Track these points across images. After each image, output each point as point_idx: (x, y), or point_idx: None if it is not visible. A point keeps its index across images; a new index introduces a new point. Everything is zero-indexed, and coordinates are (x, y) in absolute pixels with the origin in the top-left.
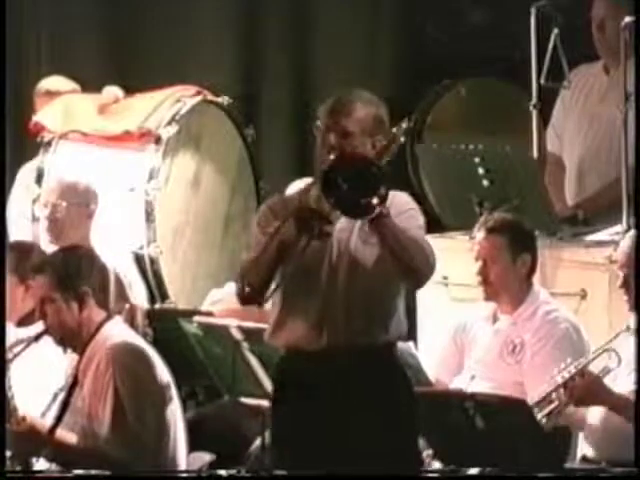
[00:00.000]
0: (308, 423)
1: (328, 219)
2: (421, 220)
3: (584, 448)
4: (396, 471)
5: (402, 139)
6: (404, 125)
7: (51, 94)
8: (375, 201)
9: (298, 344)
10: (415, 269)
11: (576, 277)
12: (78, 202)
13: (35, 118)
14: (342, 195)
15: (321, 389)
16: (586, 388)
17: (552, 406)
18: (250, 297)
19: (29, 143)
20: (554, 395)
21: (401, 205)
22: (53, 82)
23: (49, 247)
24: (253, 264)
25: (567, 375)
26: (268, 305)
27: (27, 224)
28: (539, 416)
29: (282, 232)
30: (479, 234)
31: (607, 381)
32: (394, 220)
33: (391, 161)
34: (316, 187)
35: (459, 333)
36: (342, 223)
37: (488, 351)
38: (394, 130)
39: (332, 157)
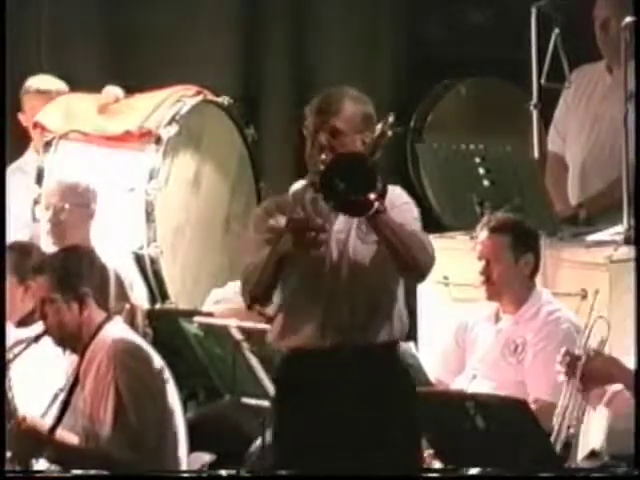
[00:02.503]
0: (312, 423)
1: (322, 229)
2: (416, 212)
3: (591, 442)
4: (399, 470)
5: (390, 133)
6: (390, 119)
7: (41, 93)
8: (373, 197)
9: (303, 345)
10: (416, 263)
11: (576, 277)
12: (79, 203)
13: (35, 118)
14: (341, 195)
15: (326, 389)
16: (599, 370)
17: (577, 406)
18: (254, 303)
19: (25, 142)
20: (572, 392)
21: (395, 199)
22: (43, 81)
23: (51, 249)
24: (254, 273)
25: (579, 366)
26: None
27: (23, 226)
28: (573, 422)
29: (280, 246)
30: (482, 234)
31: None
32: (390, 214)
33: (391, 160)
34: (310, 190)
35: (461, 333)
36: (339, 224)
37: (490, 351)
38: (380, 125)
39: (324, 157)
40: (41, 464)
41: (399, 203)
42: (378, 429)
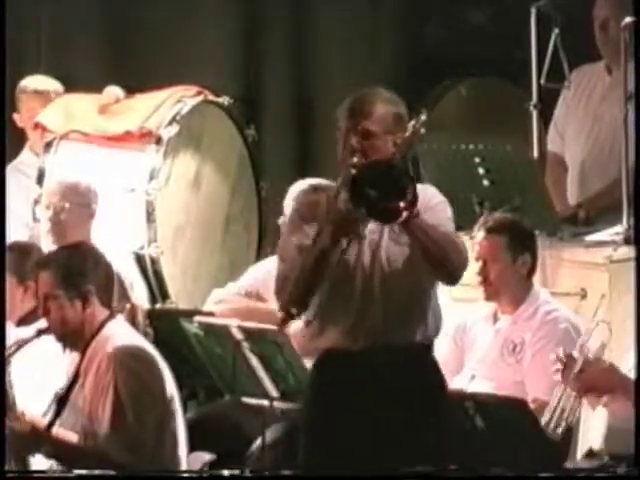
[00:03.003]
0: (344, 423)
1: (359, 222)
2: (449, 211)
3: (591, 442)
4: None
5: (422, 131)
6: (423, 117)
7: (39, 94)
8: (403, 205)
9: (336, 346)
10: (449, 264)
11: (576, 277)
12: (80, 203)
13: (36, 118)
14: (371, 202)
15: (358, 390)
16: (595, 379)
17: (569, 408)
18: (291, 311)
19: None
20: (567, 393)
21: (428, 199)
22: (41, 82)
23: (51, 249)
24: (290, 278)
25: (576, 368)
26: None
27: (21, 226)
28: (562, 423)
29: (319, 242)
30: (479, 234)
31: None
32: (423, 216)
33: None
34: (343, 189)
35: (459, 333)
36: (372, 225)
37: (488, 351)
38: (412, 123)
39: (355, 160)
40: (39, 461)
41: (433, 204)
42: (411, 429)
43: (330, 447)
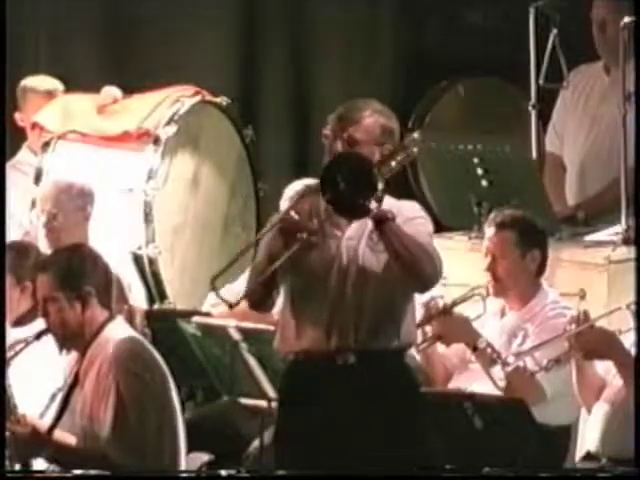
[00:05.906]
0: (316, 425)
1: (311, 230)
2: (430, 228)
3: (588, 444)
4: (397, 474)
5: (415, 150)
6: (415, 135)
7: (49, 94)
8: (368, 203)
9: (307, 348)
10: (420, 272)
11: (575, 277)
12: (74, 206)
13: (34, 118)
14: (339, 193)
15: (329, 392)
16: (597, 340)
17: (561, 351)
18: (252, 302)
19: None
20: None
21: (410, 213)
22: (50, 82)
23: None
24: (250, 276)
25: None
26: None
27: (16, 225)
28: (545, 361)
29: (270, 243)
30: (489, 230)
31: None
32: (402, 227)
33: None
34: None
35: None
36: (351, 231)
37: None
38: (404, 141)
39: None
40: (41, 464)
41: (413, 216)
42: (379, 433)
43: (302, 449)
